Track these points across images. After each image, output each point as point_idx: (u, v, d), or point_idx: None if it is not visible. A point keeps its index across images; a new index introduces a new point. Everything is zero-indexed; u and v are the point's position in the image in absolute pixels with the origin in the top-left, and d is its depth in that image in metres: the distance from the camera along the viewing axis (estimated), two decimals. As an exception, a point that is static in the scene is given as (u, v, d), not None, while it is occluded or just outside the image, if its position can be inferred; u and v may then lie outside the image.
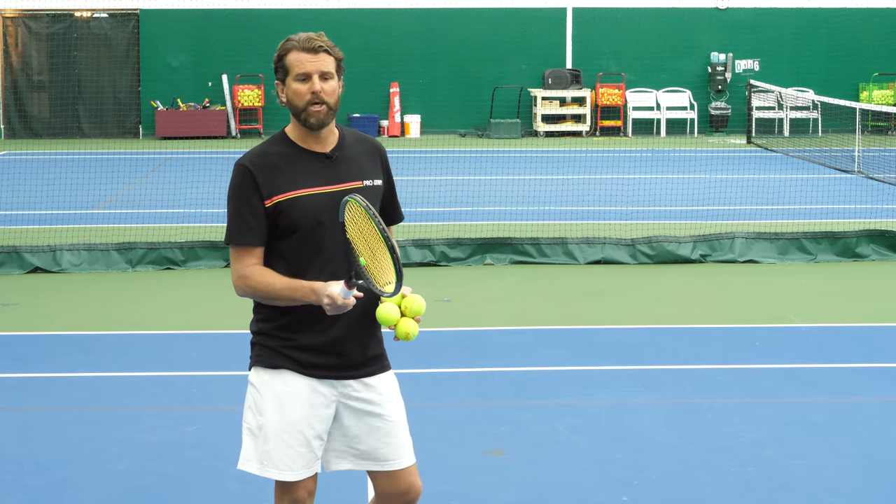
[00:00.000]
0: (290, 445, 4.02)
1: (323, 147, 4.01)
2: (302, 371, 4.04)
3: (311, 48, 3.94)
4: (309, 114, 3.93)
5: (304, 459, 4.04)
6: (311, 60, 3.93)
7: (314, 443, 4.05)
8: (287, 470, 4.04)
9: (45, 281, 10.78)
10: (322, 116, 3.94)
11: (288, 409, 4.02)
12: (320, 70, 3.94)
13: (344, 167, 4.00)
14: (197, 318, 9.49)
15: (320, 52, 3.94)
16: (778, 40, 25.44)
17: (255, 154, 4.02)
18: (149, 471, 5.94)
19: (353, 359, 4.05)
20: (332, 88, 3.96)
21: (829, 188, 16.08)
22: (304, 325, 4.02)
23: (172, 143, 23.68)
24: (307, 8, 24.80)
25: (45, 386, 7.55)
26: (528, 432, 6.53)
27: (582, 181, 16.64)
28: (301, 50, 3.95)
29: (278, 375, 4.05)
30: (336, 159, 4.01)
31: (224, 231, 4.09)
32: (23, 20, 24.57)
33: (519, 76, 25.22)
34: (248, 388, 4.16)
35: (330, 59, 3.96)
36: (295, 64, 3.95)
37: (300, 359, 4.03)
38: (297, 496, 4.09)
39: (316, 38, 3.95)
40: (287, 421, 4.02)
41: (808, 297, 10.13)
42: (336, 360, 4.03)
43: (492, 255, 11.45)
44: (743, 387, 7.46)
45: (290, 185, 3.95)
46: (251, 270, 3.99)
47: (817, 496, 5.64)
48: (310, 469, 4.07)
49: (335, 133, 4.05)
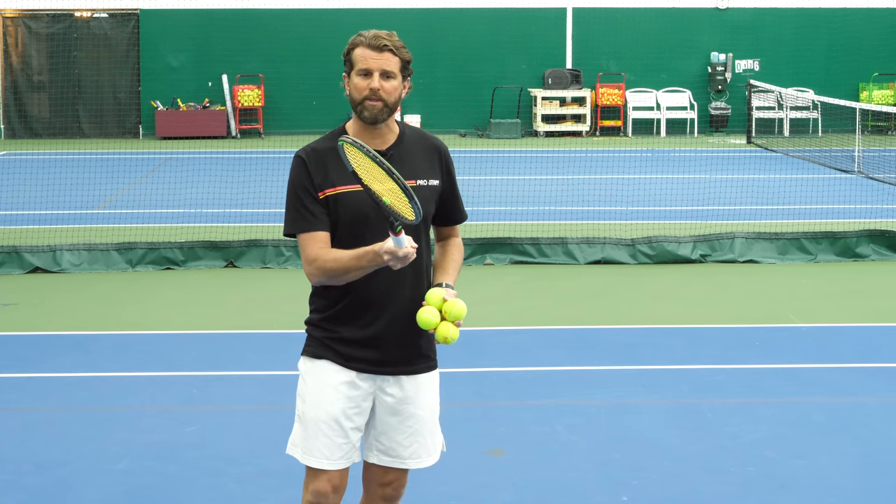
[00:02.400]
0: (328, 435, 4.10)
1: (380, 144, 4.07)
2: (343, 363, 4.11)
3: (377, 46, 4.00)
4: (364, 107, 4.01)
5: (341, 450, 4.12)
6: (375, 58, 4.00)
7: (352, 434, 4.12)
8: (323, 458, 4.12)
9: (45, 281, 10.78)
10: (376, 112, 4.01)
11: (326, 399, 4.10)
12: (382, 68, 4.00)
13: (398, 165, 4.02)
14: (197, 318, 9.49)
15: (385, 51, 4.00)
16: (778, 40, 25.45)
17: (311, 146, 4.11)
18: (149, 471, 5.94)
19: (393, 355, 4.11)
20: (393, 87, 4.02)
21: (829, 188, 16.08)
22: (348, 318, 4.09)
23: (172, 143, 23.68)
24: (307, 8, 24.80)
25: (44, 386, 7.55)
26: (528, 432, 6.53)
27: (582, 181, 16.63)
28: (367, 47, 4.01)
29: (320, 365, 4.13)
30: (392, 157, 4.05)
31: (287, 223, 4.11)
32: (23, 20, 24.57)
33: (519, 76, 25.23)
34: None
35: (394, 59, 4.02)
36: (359, 59, 4.02)
37: (342, 351, 4.10)
38: (321, 488, 4.14)
39: (383, 37, 4.02)
40: (325, 410, 4.10)
41: (808, 297, 10.13)
42: (376, 354, 4.09)
43: (492, 255, 11.45)
44: (742, 387, 7.46)
45: (341, 180, 4.01)
46: (319, 252, 4.02)
47: (817, 496, 5.64)
48: (347, 459, 4.14)
49: (395, 131, 4.12)
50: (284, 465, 5.99)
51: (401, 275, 4.02)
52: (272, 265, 11.21)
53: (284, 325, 8.87)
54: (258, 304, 9.77)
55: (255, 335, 8.77)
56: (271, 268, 11.18)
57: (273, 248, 11.27)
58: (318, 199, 4.04)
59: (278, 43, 24.64)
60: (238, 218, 13.84)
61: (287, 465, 5.97)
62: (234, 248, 11.29)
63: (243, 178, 16.45)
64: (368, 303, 4.07)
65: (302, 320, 4.25)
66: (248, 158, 20.80)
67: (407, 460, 4.19)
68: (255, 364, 7.96)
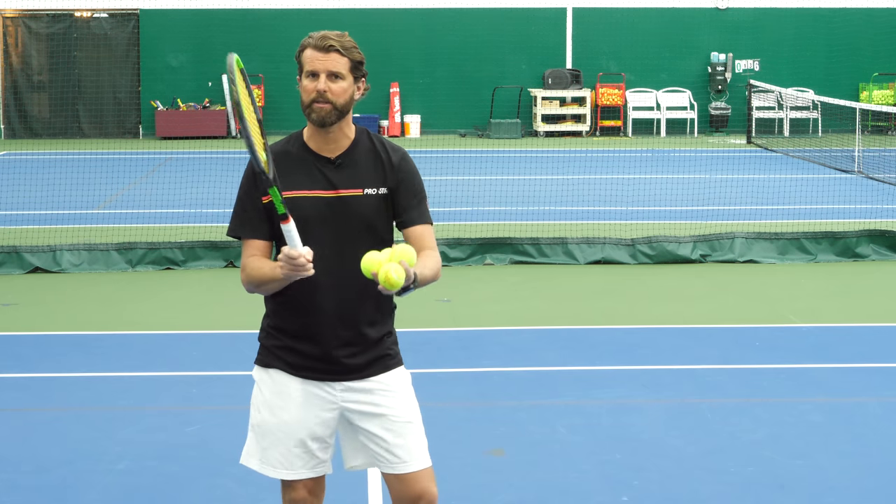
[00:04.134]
0: (285, 444, 4.01)
1: (331, 151, 4.01)
2: (293, 372, 4.03)
3: (323, 47, 3.93)
4: (312, 110, 3.95)
5: (301, 460, 4.02)
6: (321, 59, 3.93)
7: (311, 444, 4.01)
8: (282, 469, 4.04)
9: (45, 281, 10.78)
10: (324, 115, 3.94)
11: (281, 409, 4.02)
12: (328, 69, 3.92)
13: (346, 173, 3.97)
14: (197, 318, 9.49)
15: (331, 52, 3.93)
16: (778, 40, 25.45)
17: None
18: (149, 471, 5.94)
19: (346, 363, 3.98)
20: (341, 89, 3.94)
21: (829, 188, 16.08)
22: (292, 326, 4.02)
23: (172, 143, 23.68)
24: (307, 8, 24.80)
25: (45, 386, 7.55)
26: (528, 432, 6.53)
27: (582, 181, 16.63)
28: (314, 48, 3.95)
29: (272, 375, 4.07)
30: (340, 165, 3.99)
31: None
32: (23, 20, 24.56)
33: (519, 76, 25.22)
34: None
35: (342, 60, 3.94)
36: (307, 61, 3.97)
37: (290, 360, 4.03)
38: (296, 496, 4.06)
39: (331, 38, 3.94)
40: (281, 420, 4.02)
41: (808, 297, 10.13)
42: (323, 363, 3.99)
43: (492, 255, 11.45)
44: (743, 387, 7.46)
45: (287, 186, 3.95)
46: (248, 260, 4.01)
47: (817, 496, 5.64)
48: (311, 470, 4.04)
49: (349, 137, 4.04)
50: (284, 465, 5.99)
51: (346, 279, 3.87)
52: (272, 265, 11.20)
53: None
54: (258, 304, 9.75)
55: (255, 335, 8.74)
56: (271, 268, 11.16)
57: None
58: (260, 205, 3.97)
59: (278, 43, 24.62)
60: (238, 218, 13.81)
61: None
62: (234, 248, 11.29)
63: (243, 178, 16.41)
64: (308, 310, 3.97)
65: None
66: (248, 158, 20.75)
67: (404, 463, 4.00)
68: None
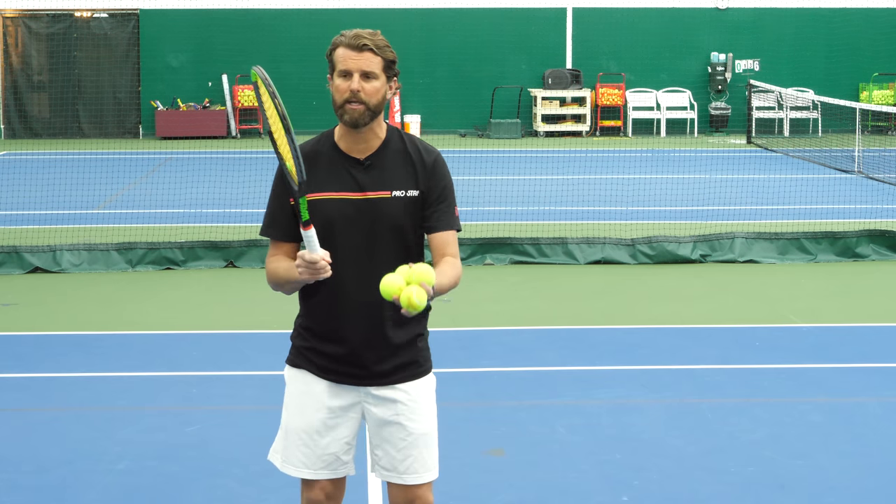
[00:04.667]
0: (306, 444, 4.02)
1: (360, 152, 3.94)
2: (320, 374, 4.03)
3: (356, 45, 3.85)
4: (344, 111, 3.87)
5: (322, 461, 4.02)
6: (354, 58, 3.86)
7: (333, 445, 4.01)
8: (302, 467, 4.04)
9: (45, 281, 10.78)
10: (357, 116, 3.87)
11: (305, 409, 4.03)
12: (361, 69, 3.86)
13: (374, 174, 3.92)
14: (197, 318, 9.49)
15: (365, 51, 3.86)
16: (778, 40, 25.44)
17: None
18: (149, 471, 5.94)
19: (372, 369, 3.98)
20: (374, 89, 3.88)
21: (829, 188, 16.08)
22: (320, 328, 4.01)
23: (172, 143, 23.68)
24: (307, 8, 24.80)
25: (45, 386, 7.55)
26: (528, 432, 6.53)
27: (582, 181, 16.63)
28: (347, 46, 3.87)
29: (300, 374, 4.07)
30: (369, 166, 3.94)
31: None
32: (23, 20, 24.56)
33: (519, 76, 25.22)
34: None
35: (376, 59, 3.87)
36: (339, 60, 3.88)
37: (318, 362, 4.02)
38: (312, 496, 4.07)
39: (364, 36, 3.87)
40: (305, 420, 4.02)
41: (808, 297, 10.13)
42: (354, 368, 3.99)
43: (492, 255, 11.45)
44: (742, 387, 7.46)
45: (315, 187, 3.90)
46: (268, 261, 4.01)
47: (817, 496, 5.64)
48: (333, 472, 4.04)
49: (380, 137, 3.97)
50: (284, 465, 5.99)
51: (374, 282, 3.75)
52: (272, 265, 11.20)
53: (284, 325, 8.81)
54: (258, 304, 9.76)
55: (255, 335, 8.76)
56: (271, 268, 11.16)
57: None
58: (288, 206, 3.94)
59: (278, 43, 24.63)
60: (238, 218, 13.84)
61: (287, 465, 5.97)
62: (234, 248, 11.29)
63: (243, 178, 16.45)
64: (335, 311, 3.95)
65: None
66: (248, 158, 20.79)
67: (404, 475, 4.00)
68: (255, 364, 7.96)
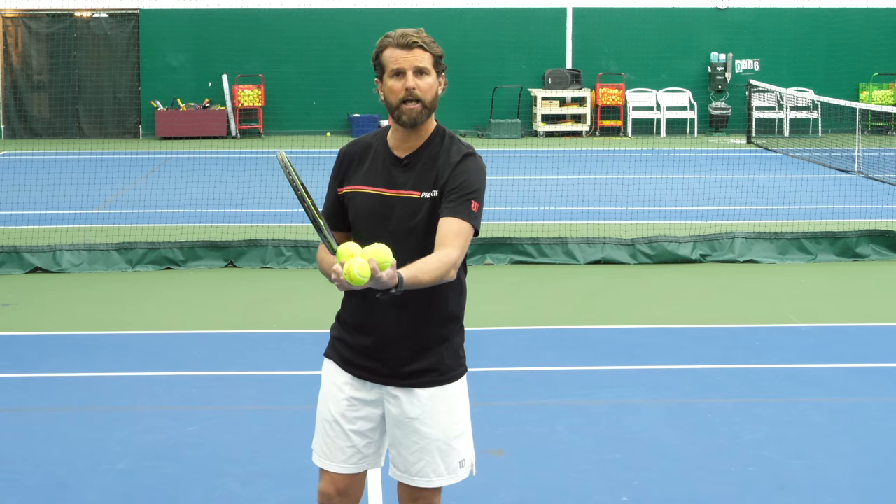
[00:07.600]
0: (327, 433, 4.06)
1: (403, 151, 3.94)
2: (344, 367, 4.06)
3: (405, 44, 3.86)
4: (402, 111, 3.86)
5: (344, 453, 4.04)
6: (405, 56, 3.86)
7: (355, 439, 4.03)
8: (323, 458, 4.07)
9: (45, 281, 10.78)
10: (415, 115, 3.87)
11: (328, 399, 4.07)
12: (414, 66, 3.86)
13: (410, 174, 3.92)
14: (197, 318, 9.49)
15: (414, 48, 3.86)
16: (778, 40, 25.45)
17: (352, 142, 4.08)
18: (149, 471, 5.94)
19: (396, 368, 3.99)
20: (428, 85, 3.89)
21: (829, 188, 16.08)
22: (352, 320, 4.04)
23: (172, 143, 23.68)
24: (307, 8, 24.79)
25: (45, 386, 7.54)
26: (528, 432, 6.53)
27: (582, 181, 16.63)
28: (395, 46, 3.87)
29: (329, 365, 4.11)
30: (407, 165, 3.93)
31: None
32: (23, 20, 24.56)
33: (519, 76, 25.23)
34: None
35: (425, 55, 3.88)
36: (389, 60, 3.87)
37: (343, 354, 4.06)
38: (322, 487, 4.09)
39: (411, 34, 3.88)
40: (328, 410, 4.06)
41: (808, 297, 10.13)
42: (377, 365, 4.00)
43: (492, 255, 11.45)
44: (743, 387, 7.46)
45: (357, 180, 3.97)
46: (321, 248, 4.00)
47: (817, 496, 5.64)
48: (352, 464, 4.05)
49: (423, 138, 3.95)
50: (284, 465, 5.99)
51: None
52: (272, 265, 11.20)
53: (284, 325, 8.86)
54: (258, 304, 9.76)
55: (255, 335, 8.76)
56: (271, 268, 11.17)
57: (273, 248, 11.27)
58: (335, 196, 4.01)
59: (278, 43, 24.62)
60: (238, 218, 13.84)
61: (287, 466, 5.98)
62: (234, 248, 11.29)
63: (243, 178, 16.45)
64: (364, 305, 3.97)
65: (302, 320, 4.26)
66: (248, 158, 20.80)
67: (415, 477, 4.01)
68: (255, 364, 7.96)
